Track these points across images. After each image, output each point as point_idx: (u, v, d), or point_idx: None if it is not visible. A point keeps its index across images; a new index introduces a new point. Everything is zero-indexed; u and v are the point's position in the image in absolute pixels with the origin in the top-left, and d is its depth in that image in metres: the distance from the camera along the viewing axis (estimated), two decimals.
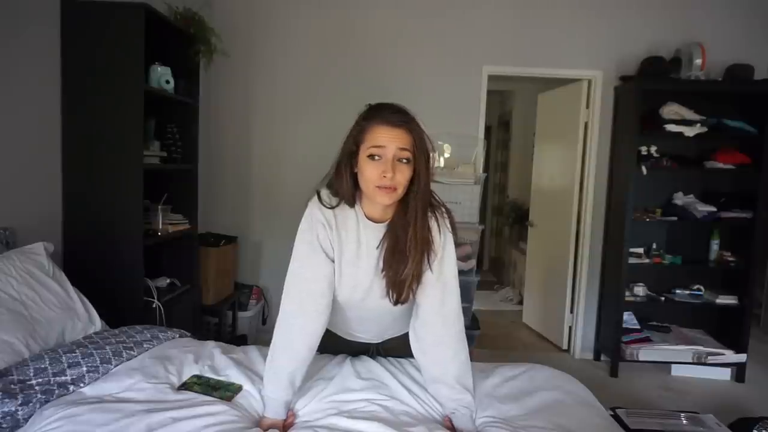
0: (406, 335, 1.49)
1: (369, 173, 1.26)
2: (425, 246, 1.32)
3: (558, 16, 3.57)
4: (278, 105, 3.62)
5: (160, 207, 2.56)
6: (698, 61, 3.30)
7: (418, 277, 1.34)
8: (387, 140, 1.25)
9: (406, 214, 1.32)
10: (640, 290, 3.52)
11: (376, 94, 1.50)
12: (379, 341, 1.63)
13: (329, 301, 1.38)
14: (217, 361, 1.57)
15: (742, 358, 3.38)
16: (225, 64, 3.25)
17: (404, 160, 1.26)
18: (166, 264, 2.84)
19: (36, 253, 1.85)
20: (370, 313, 1.47)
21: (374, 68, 3.56)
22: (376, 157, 1.25)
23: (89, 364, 1.45)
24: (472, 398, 1.39)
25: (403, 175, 1.26)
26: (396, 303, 1.36)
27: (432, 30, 3.57)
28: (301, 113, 3.61)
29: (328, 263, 1.36)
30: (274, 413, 1.33)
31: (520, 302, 4.91)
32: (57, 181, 2.29)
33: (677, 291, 3.54)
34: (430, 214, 1.36)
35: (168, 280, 2.77)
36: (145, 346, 1.64)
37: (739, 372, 3.43)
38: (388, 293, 1.35)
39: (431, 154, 1.32)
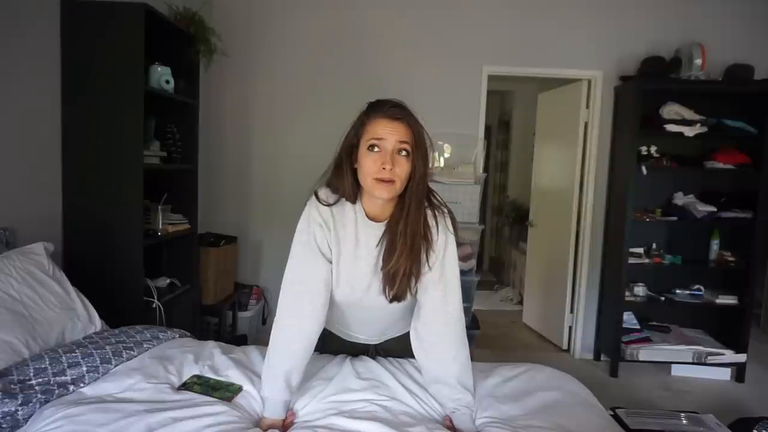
0: (406, 335, 1.49)
1: (368, 166, 1.27)
2: (417, 240, 1.32)
3: (558, 16, 3.57)
4: (278, 105, 3.62)
5: (160, 207, 2.56)
6: (698, 61, 3.30)
7: (412, 274, 1.33)
8: (387, 132, 1.26)
9: (402, 210, 1.32)
10: (640, 290, 3.52)
11: (376, 93, 1.49)
12: (378, 342, 1.63)
13: (326, 300, 1.38)
14: (217, 361, 1.56)
15: (742, 358, 3.38)
16: (225, 64, 3.25)
17: (403, 152, 1.27)
18: (166, 264, 2.84)
19: (36, 253, 1.85)
20: (369, 313, 1.47)
21: (374, 68, 3.56)
22: (376, 149, 1.26)
23: (89, 364, 1.44)
24: (473, 398, 1.39)
25: (402, 168, 1.27)
26: (392, 300, 1.35)
27: (432, 30, 3.57)
28: (301, 113, 3.61)
29: (325, 263, 1.36)
30: (273, 413, 1.33)
31: (520, 302, 4.91)
32: (57, 181, 2.29)
33: (677, 291, 3.54)
34: (430, 213, 1.36)
35: (168, 280, 2.77)
36: (145, 346, 1.64)
37: (739, 372, 3.43)
38: (384, 290, 1.35)
39: (429, 152, 1.32)
